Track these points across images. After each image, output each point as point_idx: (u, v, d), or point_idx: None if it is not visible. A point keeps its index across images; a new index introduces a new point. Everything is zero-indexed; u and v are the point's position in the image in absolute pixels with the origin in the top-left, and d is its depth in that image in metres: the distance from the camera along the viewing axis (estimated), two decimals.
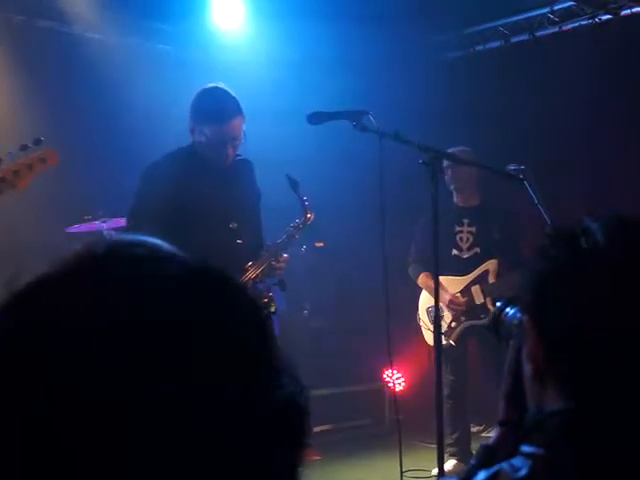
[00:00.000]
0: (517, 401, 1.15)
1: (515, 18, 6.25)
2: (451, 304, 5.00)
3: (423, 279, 5.17)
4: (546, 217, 3.83)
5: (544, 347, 1.08)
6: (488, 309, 4.93)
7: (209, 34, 6.10)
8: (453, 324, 5.01)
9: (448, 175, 5.05)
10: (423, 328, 5.23)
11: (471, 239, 5.11)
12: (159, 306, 0.61)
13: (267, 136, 5.09)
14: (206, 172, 3.60)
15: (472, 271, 5.06)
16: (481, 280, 5.05)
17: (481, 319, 4.94)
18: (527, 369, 1.10)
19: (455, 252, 5.11)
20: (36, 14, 5.66)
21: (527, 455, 1.01)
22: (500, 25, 6.36)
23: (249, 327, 0.64)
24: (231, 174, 3.67)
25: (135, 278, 0.63)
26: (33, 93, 5.43)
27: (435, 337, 3.50)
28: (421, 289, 5.26)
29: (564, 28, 6.02)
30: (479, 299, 5.02)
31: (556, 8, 5.99)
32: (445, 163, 4.91)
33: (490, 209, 5.17)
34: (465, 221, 5.12)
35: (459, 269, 5.05)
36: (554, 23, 6.05)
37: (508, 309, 1.38)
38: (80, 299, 0.61)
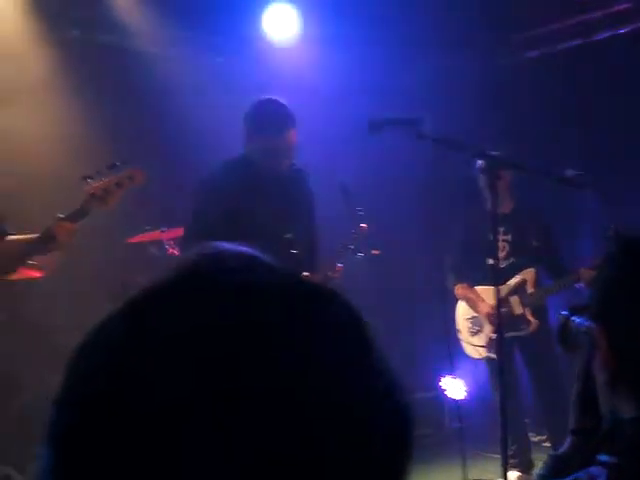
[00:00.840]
0: (588, 409, 1.14)
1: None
2: (490, 315, 4.83)
3: (460, 290, 5.03)
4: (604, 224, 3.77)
5: (615, 355, 1.06)
6: (528, 320, 4.86)
7: (261, 45, 6.14)
8: (493, 336, 4.81)
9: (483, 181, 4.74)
10: (462, 341, 5.13)
11: (507, 248, 4.94)
12: (269, 312, 0.63)
13: (319, 146, 5.13)
14: (261, 182, 3.65)
15: (509, 281, 4.91)
16: (519, 290, 4.92)
17: (521, 330, 4.86)
18: (600, 377, 1.09)
19: (491, 261, 4.87)
20: (93, 29, 5.78)
21: (604, 464, 1.00)
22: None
23: (352, 330, 0.65)
24: (286, 184, 3.72)
25: (242, 287, 0.64)
26: (91, 107, 5.53)
27: (497, 347, 3.42)
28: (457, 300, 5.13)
29: None
30: (518, 310, 4.91)
31: None
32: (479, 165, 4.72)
33: (525, 214, 5.00)
34: (500, 229, 4.86)
35: (496, 279, 4.90)
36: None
37: (574, 318, 1.36)
38: (188, 308, 0.63)
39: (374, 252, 6.57)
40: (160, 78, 5.75)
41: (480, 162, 4.38)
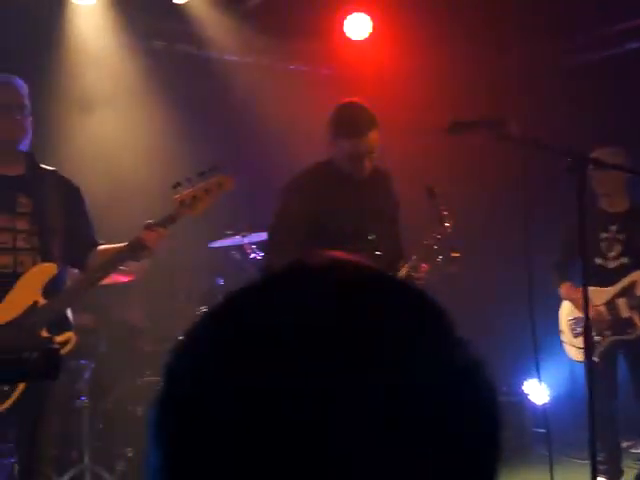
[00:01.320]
0: None
1: None
2: (595, 317, 4.58)
3: (564, 289, 4.92)
4: None
5: None
6: (635, 323, 4.71)
7: (342, 50, 6.17)
8: (597, 339, 4.68)
9: (594, 179, 4.72)
10: (564, 343, 5.03)
11: (619, 247, 4.78)
12: (366, 309, 0.64)
13: (399, 149, 5.13)
14: (344, 185, 3.68)
15: (618, 282, 4.75)
16: (628, 292, 4.73)
17: (628, 334, 4.72)
18: None
19: (599, 261, 4.77)
20: (175, 39, 5.91)
21: None
22: None
23: (442, 329, 0.66)
24: (369, 186, 3.74)
25: (339, 283, 0.65)
26: (177, 114, 5.66)
27: (586, 352, 3.33)
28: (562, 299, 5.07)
29: None
30: (625, 313, 4.73)
31: None
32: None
33: None
34: (612, 228, 4.78)
35: (603, 280, 4.70)
36: None
37: None
38: (287, 305, 0.64)
39: (454, 254, 6.54)
40: (241, 85, 5.84)
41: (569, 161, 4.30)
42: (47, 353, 1.92)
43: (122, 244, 3.54)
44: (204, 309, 4.95)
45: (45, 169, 3.63)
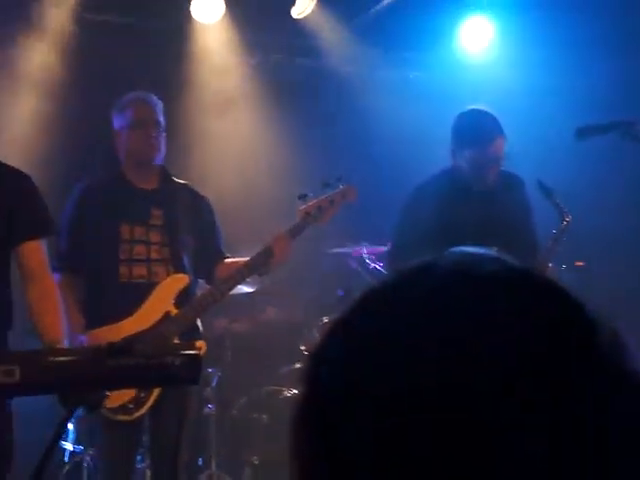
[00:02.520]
0: None
1: None
2: None
3: None
4: None
5: None
6: None
7: (457, 58, 6.12)
8: None
9: None
10: None
11: None
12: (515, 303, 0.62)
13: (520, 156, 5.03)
14: (468, 194, 3.62)
15: None
16: None
17: None
18: None
19: None
20: (293, 52, 6.01)
21: None
22: None
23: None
24: (496, 193, 3.67)
25: (487, 277, 0.63)
26: (292, 127, 5.75)
27: None
28: None
29: None
30: None
31: None
32: None
33: None
34: None
35: None
36: None
37: None
38: (435, 301, 0.63)
39: (578, 264, 6.36)
40: (360, 95, 5.88)
41: None
42: (189, 358, 1.96)
43: (248, 258, 3.61)
44: (326, 320, 4.99)
45: (177, 182, 3.75)
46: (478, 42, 6.03)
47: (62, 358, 2.01)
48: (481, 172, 3.58)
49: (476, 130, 3.57)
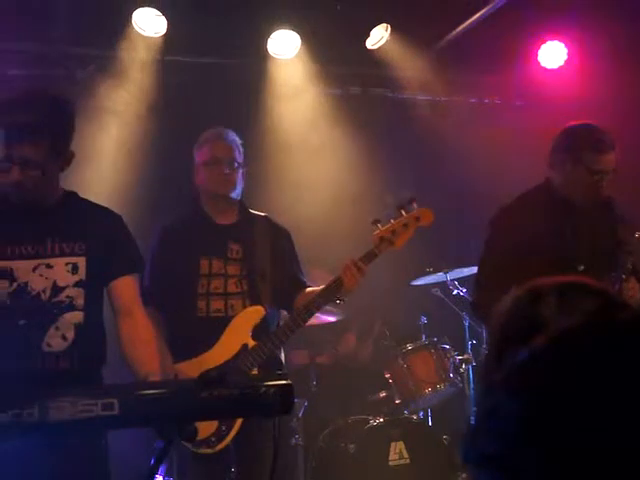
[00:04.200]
0: None
1: None
2: None
3: None
4: None
5: None
6: None
7: (535, 80, 6.08)
8: None
9: None
10: None
11: None
12: None
13: None
14: (561, 211, 3.53)
15: None
16: None
17: None
18: None
19: None
20: (370, 84, 6.07)
21: None
22: None
23: None
24: (591, 213, 3.57)
25: None
26: (370, 156, 5.80)
27: None
28: None
29: None
30: None
31: None
32: None
33: None
34: None
35: None
36: None
37: None
38: None
39: None
40: (436, 123, 5.90)
41: None
42: (281, 388, 2.00)
43: (321, 286, 3.63)
44: (410, 347, 4.98)
45: (256, 215, 3.82)
46: (555, 64, 5.98)
47: (158, 390, 2.07)
48: (595, 184, 3.47)
49: (595, 137, 3.48)
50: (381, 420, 4.71)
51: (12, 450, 2.56)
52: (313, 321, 4.31)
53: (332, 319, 4.95)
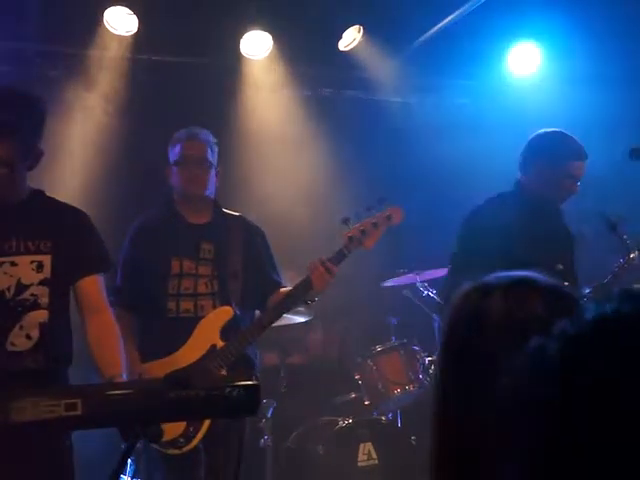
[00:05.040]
0: None
1: None
2: None
3: None
4: None
5: None
6: None
7: (504, 83, 6.12)
8: None
9: None
10: None
11: None
12: None
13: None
14: (537, 213, 3.59)
15: None
16: None
17: None
18: None
19: None
20: (342, 85, 6.09)
21: None
22: None
23: None
24: (559, 214, 3.65)
25: None
26: (341, 157, 5.81)
27: None
28: None
29: None
30: None
31: None
32: None
33: None
34: None
35: None
36: None
37: None
38: None
39: None
40: (407, 125, 5.92)
41: None
42: (248, 389, 1.99)
43: (290, 287, 3.62)
44: (379, 349, 4.99)
45: (230, 215, 3.79)
46: (526, 68, 6.02)
47: (123, 391, 2.05)
48: (565, 188, 3.56)
49: (575, 145, 3.58)
50: (350, 421, 4.72)
51: None
52: (283, 321, 4.31)
53: (302, 319, 4.94)
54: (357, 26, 5.58)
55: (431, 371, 4.99)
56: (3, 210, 2.88)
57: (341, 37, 5.61)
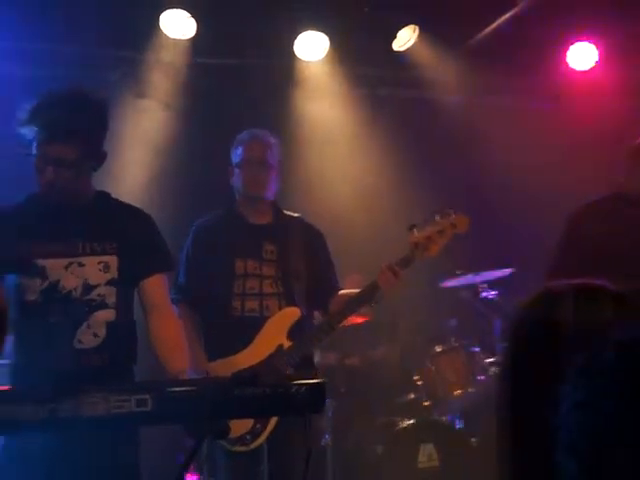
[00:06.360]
0: None
1: None
2: None
3: None
4: None
5: None
6: None
7: (563, 81, 6.03)
8: None
9: None
10: None
11: None
12: None
13: None
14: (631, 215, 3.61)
15: None
16: None
17: None
18: None
19: None
20: (397, 85, 6.06)
21: None
22: None
23: None
24: None
25: None
26: (400, 158, 5.78)
27: None
28: None
29: None
30: None
31: None
32: None
33: None
34: None
35: None
36: None
37: None
38: None
39: None
40: (466, 124, 5.87)
41: None
42: (314, 387, 1.99)
43: (358, 289, 3.63)
44: (439, 349, 4.95)
45: (290, 216, 3.81)
46: (584, 65, 5.92)
47: (191, 388, 2.07)
48: None
49: None
50: (410, 422, 4.69)
51: (44, 445, 2.58)
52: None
53: (361, 321, 4.93)
54: (412, 26, 5.55)
55: (491, 373, 4.94)
56: (70, 212, 2.93)
57: (395, 37, 5.59)
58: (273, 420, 3.47)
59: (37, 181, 2.84)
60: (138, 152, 5.38)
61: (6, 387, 2.86)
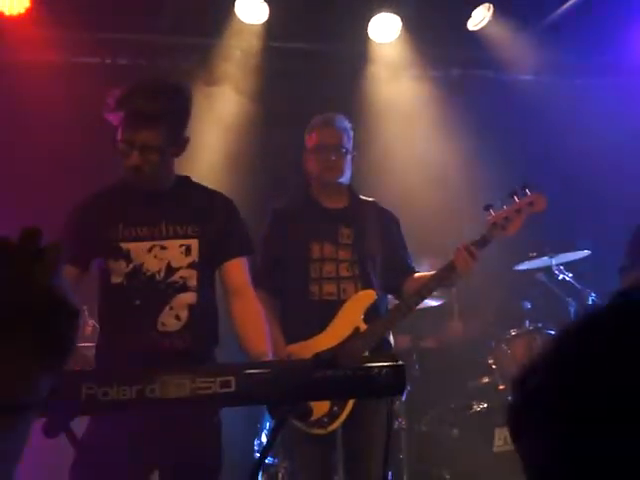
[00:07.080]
0: None
1: None
2: None
3: None
4: None
5: None
6: None
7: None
8: None
9: None
10: None
11: None
12: None
13: None
14: None
15: None
16: None
17: None
18: None
19: None
20: (471, 66, 5.99)
21: None
22: None
23: None
24: None
25: None
26: (474, 139, 5.72)
27: None
28: None
29: None
30: None
31: None
32: None
33: None
34: None
35: None
36: None
37: None
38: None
39: None
40: (538, 102, 5.77)
41: None
42: (394, 369, 2.00)
43: (433, 271, 3.62)
44: (514, 333, 4.91)
45: (366, 200, 3.82)
46: None
47: (273, 370, 2.11)
48: None
49: None
50: (485, 405, 4.67)
51: (128, 425, 2.65)
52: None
53: (435, 303, 4.92)
54: (487, 4, 5.48)
55: None
56: (153, 195, 2.99)
57: (470, 16, 5.52)
58: (350, 403, 3.49)
59: (122, 165, 2.91)
60: (213, 138, 5.45)
61: (91, 369, 2.97)
